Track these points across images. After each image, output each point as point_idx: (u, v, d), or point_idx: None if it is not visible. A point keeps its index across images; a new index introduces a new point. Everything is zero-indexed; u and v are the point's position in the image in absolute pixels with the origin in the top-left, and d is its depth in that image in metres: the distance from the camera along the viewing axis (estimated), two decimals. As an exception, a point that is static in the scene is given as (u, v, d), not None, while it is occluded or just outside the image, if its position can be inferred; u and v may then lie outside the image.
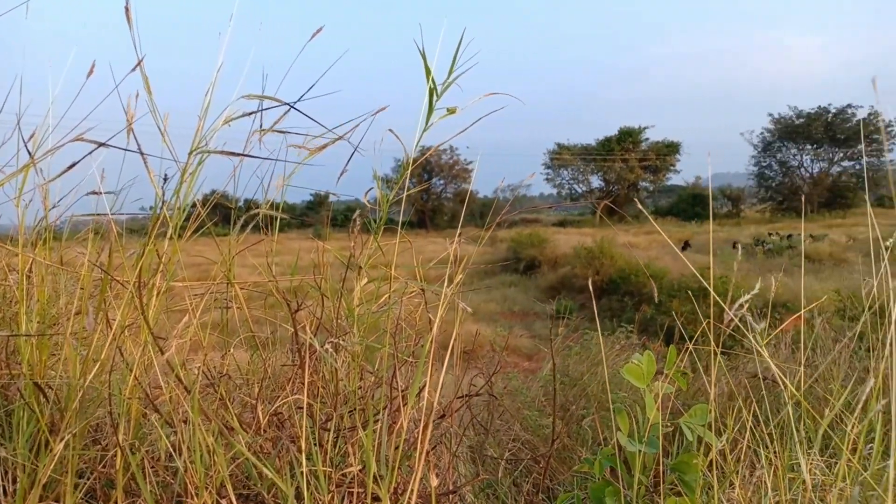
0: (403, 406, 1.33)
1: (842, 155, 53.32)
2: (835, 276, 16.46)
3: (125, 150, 1.49)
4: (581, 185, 58.72)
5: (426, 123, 1.41)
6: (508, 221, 1.76)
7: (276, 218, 1.62)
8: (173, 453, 1.39)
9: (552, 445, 1.94)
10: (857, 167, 53.05)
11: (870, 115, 49.79)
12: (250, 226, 1.60)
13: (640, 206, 1.37)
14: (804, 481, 1.16)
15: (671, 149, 57.06)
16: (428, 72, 1.35)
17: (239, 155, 1.47)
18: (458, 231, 1.50)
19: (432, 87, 1.37)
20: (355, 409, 1.49)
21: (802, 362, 1.66)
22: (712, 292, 1.40)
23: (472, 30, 1.36)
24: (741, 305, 1.24)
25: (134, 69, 1.46)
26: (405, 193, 1.53)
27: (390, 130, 1.44)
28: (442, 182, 55.78)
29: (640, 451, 1.41)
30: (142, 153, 1.45)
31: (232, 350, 1.78)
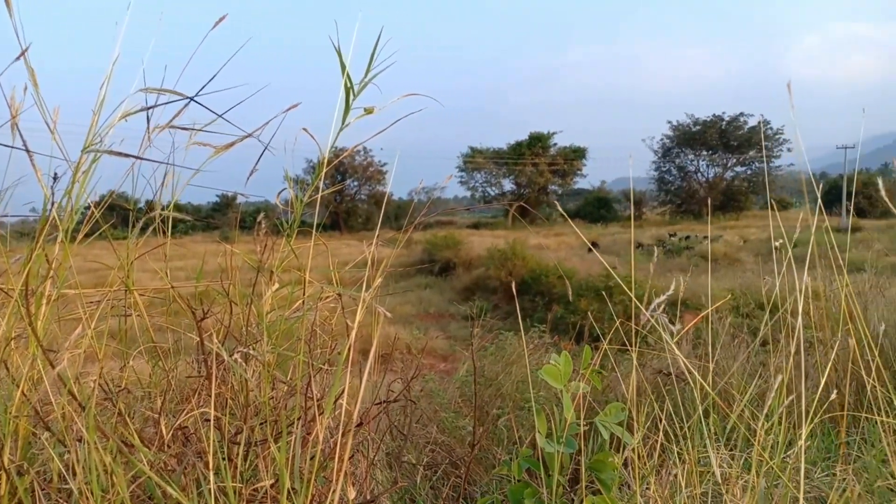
0: (319, 415, 1.28)
1: (735, 160, 56.97)
2: (729, 274, 17.53)
3: (10, 147, 1.36)
4: (494, 188, 59.84)
5: (342, 123, 1.36)
6: (423, 223, 1.74)
7: (178, 219, 1.53)
8: (66, 475, 1.28)
9: (472, 451, 1.94)
10: (749, 172, 56.88)
11: (760, 122, 53.58)
12: (150, 228, 1.50)
13: (559, 209, 1.39)
14: (714, 474, 1.21)
15: (578, 154, 59.13)
16: (344, 70, 1.31)
17: (134, 157, 1.38)
18: (377, 233, 1.46)
19: (349, 85, 1.33)
20: (267, 420, 1.42)
21: (713, 359, 1.73)
22: (633, 297, 1.44)
23: (390, 23, 1.33)
24: (657, 306, 1.28)
25: (18, 58, 1.34)
26: (320, 194, 1.48)
27: (304, 129, 1.39)
28: (356, 183, 55.27)
29: (557, 451, 1.43)
30: (28, 150, 1.33)
31: (131, 361, 1.67)
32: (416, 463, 2.36)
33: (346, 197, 54.85)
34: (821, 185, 1.74)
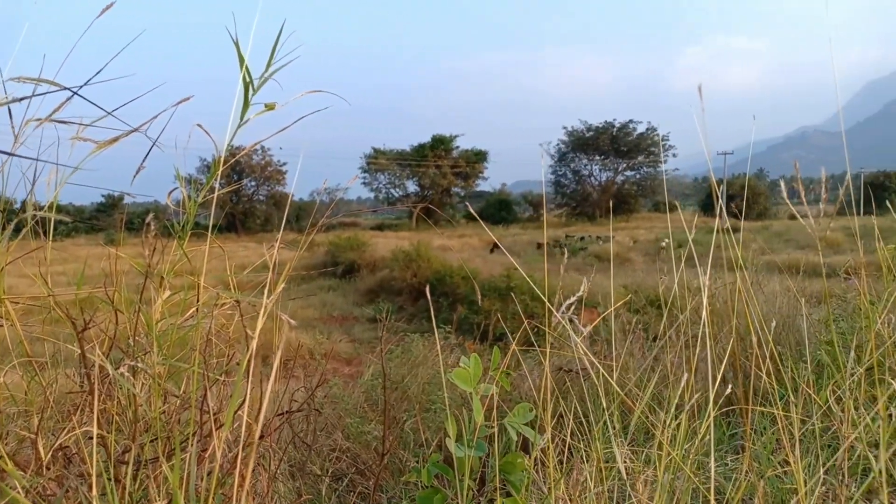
0: (216, 429, 1.21)
1: (625, 165, 60.17)
2: (621, 273, 18.39)
3: None
4: (397, 190, 59.91)
5: (241, 119, 1.29)
6: (326, 225, 1.70)
7: (58, 221, 1.40)
8: (-78, 508, 1.13)
9: (382, 460, 1.90)
10: (637, 176, 60.29)
11: (647, 129, 57.14)
12: (24, 230, 1.36)
13: (471, 210, 1.38)
14: (619, 471, 1.24)
15: (479, 157, 60.27)
16: (242, 63, 1.24)
17: (4, 153, 1.25)
18: (280, 235, 1.40)
19: (247, 80, 1.26)
20: (159, 437, 1.33)
21: (620, 356, 1.79)
22: (546, 297, 1.46)
23: (294, 17, 1.28)
24: (568, 307, 1.30)
25: None
26: (217, 194, 1.40)
27: (199, 125, 1.31)
28: (254, 183, 53.54)
29: (468, 455, 1.42)
30: None
31: (3, 376, 1.52)
32: (320, 473, 2.29)
33: (242, 197, 53.01)
34: (723, 187, 1.83)
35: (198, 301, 1.44)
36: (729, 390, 1.17)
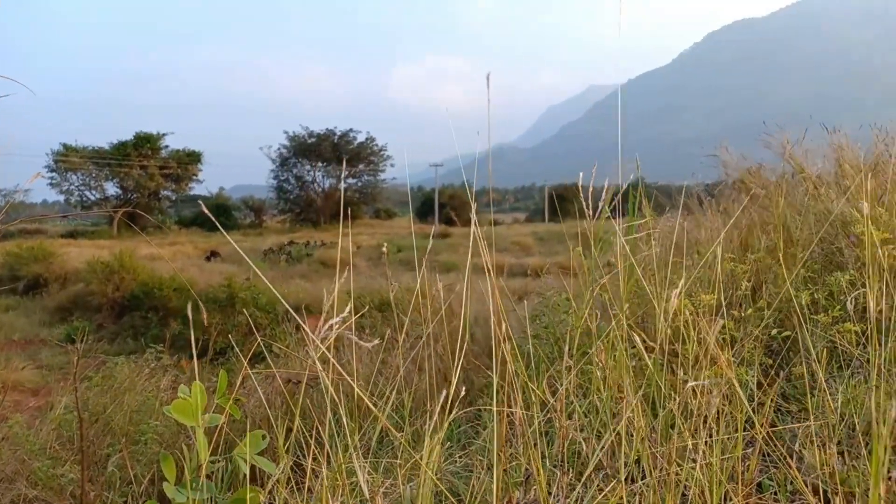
0: None
1: (347, 173, 61.56)
2: (347, 278, 18.74)
3: None
4: (95, 193, 52.89)
5: None
6: (2, 233, 1.40)
7: None
8: None
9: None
10: (359, 184, 62.13)
11: (367, 139, 59.52)
12: None
13: (205, 211, 1.22)
14: (361, 488, 1.21)
15: (193, 158, 56.21)
16: None
17: None
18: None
19: None
20: None
21: (346, 365, 1.77)
22: (322, 316, 1.36)
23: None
24: (334, 325, 1.23)
25: None
26: None
27: None
28: None
29: (190, 499, 1.26)
30: None
31: None
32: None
33: None
34: (471, 194, 1.89)
35: None
36: (463, 392, 1.23)
